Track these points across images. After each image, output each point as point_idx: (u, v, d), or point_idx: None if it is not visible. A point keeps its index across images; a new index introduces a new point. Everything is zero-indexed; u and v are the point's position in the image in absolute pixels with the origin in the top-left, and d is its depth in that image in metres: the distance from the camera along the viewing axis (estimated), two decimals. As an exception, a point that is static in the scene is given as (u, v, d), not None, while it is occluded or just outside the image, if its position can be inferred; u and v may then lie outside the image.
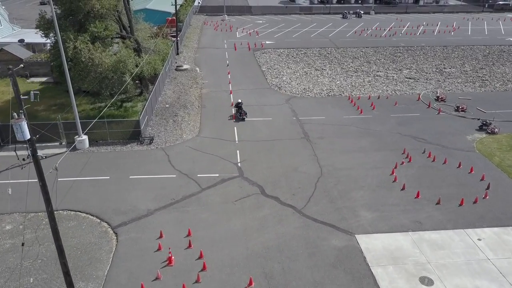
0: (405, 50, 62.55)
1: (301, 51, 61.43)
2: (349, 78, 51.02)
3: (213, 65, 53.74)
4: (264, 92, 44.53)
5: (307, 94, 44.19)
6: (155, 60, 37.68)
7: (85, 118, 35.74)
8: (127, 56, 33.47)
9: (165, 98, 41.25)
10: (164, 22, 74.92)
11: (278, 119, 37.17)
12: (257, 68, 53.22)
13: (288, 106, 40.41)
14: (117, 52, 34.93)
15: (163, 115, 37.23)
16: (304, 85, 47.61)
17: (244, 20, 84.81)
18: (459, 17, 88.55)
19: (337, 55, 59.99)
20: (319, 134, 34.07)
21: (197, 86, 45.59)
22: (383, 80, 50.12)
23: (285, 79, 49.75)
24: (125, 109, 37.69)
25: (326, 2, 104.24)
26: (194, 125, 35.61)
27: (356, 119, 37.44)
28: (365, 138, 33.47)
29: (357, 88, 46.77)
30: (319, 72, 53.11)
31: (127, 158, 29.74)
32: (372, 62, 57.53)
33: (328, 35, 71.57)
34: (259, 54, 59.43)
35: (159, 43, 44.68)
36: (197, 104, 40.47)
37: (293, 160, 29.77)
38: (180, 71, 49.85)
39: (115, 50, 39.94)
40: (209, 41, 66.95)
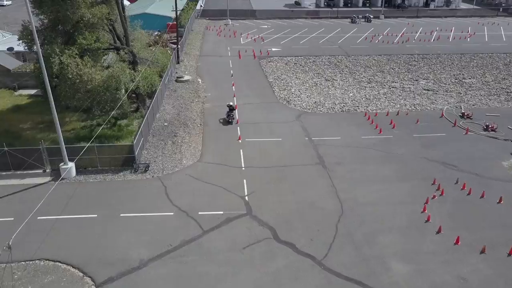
0: (420, 58, 58.75)
1: (309, 59, 57.71)
2: (362, 89, 47.30)
3: (216, 76, 50.06)
4: (272, 106, 40.81)
5: (319, 109, 40.46)
6: (152, 75, 33.95)
7: (75, 139, 32.17)
8: (121, 70, 29.80)
9: (164, 114, 37.57)
10: (164, 27, 71.43)
11: (289, 139, 33.46)
12: (264, 79, 49.52)
13: (299, 124, 36.68)
14: (110, 65, 31.30)
15: (161, 135, 33.55)
16: (314, 97, 43.90)
17: (248, 24, 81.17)
18: (473, 22, 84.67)
19: (348, 64, 56.25)
20: (335, 159, 30.32)
21: (199, 100, 41.90)
22: (399, 92, 46.38)
23: (293, 91, 46.05)
24: (119, 128, 34.03)
25: (332, 6, 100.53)
26: (195, 147, 31.91)
27: (375, 140, 33.68)
28: (388, 164, 29.71)
29: (372, 101, 43.02)
30: (329, 83, 49.40)
31: (119, 190, 26.05)
32: (386, 71, 53.79)
33: (337, 41, 67.83)
34: (265, 63, 55.73)
35: (158, 53, 41.05)
36: (199, 121, 36.78)
37: (308, 192, 26.02)
38: (181, 82, 46.18)
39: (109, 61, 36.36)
40: (212, 48, 63.29)
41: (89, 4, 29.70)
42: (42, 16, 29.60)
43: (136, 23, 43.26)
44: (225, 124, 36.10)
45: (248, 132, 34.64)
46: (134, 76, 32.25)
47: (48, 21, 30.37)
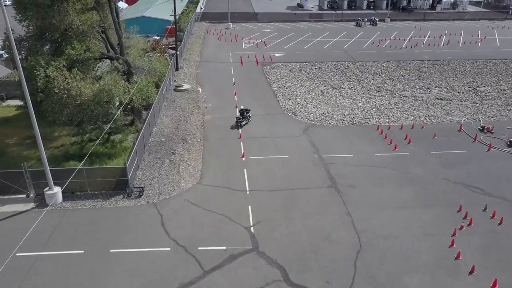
0: (430, 65, 56.10)
1: (314, 66, 55.05)
2: (372, 99, 44.62)
3: (217, 84, 47.38)
4: (276, 118, 38.13)
5: (327, 122, 37.78)
6: (147, 87, 31.23)
7: (63, 157, 29.49)
8: (113, 83, 27.09)
9: (161, 128, 34.86)
10: (163, 31, 68.86)
11: (297, 157, 30.78)
12: (267, 87, 46.85)
13: (306, 138, 34.00)
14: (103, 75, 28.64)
15: (158, 152, 30.85)
16: (321, 108, 41.23)
17: (250, 28, 78.52)
18: (482, 25, 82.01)
19: (355, 71, 53.58)
20: (349, 181, 27.62)
21: (199, 111, 39.21)
22: (411, 101, 43.71)
23: (299, 100, 43.38)
24: (112, 145, 31.32)
25: (336, 8, 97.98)
26: (195, 166, 29.21)
27: (390, 157, 30.99)
28: (406, 187, 27.01)
29: (384, 112, 40.36)
30: (337, 91, 46.72)
31: (110, 219, 23.34)
32: (396, 78, 51.13)
33: (343, 46, 65.16)
34: (269, 70, 53.07)
35: (155, 62, 38.38)
36: (199, 135, 34.09)
37: (321, 221, 23.32)
38: (180, 91, 43.50)
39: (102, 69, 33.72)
40: (213, 53, 60.62)
41: (79, 10, 27.03)
42: (25, 23, 26.89)
43: (132, 28, 40.64)
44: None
45: (252, 148, 31.97)
46: (128, 88, 29.54)
47: (34, 28, 27.69)
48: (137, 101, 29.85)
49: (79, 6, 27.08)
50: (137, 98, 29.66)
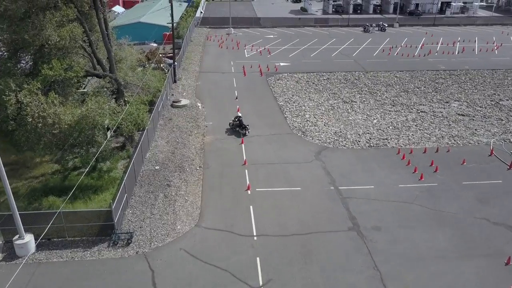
0: (447, 75, 52.25)
1: (322, 76, 51.19)
2: (387, 114, 40.78)
3: (218, 98, 43.51)
4: (285, 140, 34.25)
5: (341, 143, 33.90)
6: (139, 110, 27.26)
7: (42, 190, 25.62)
8: (97, 109, 23.20)
9: (156, 153, 30.97)
10: (161, 37, 65.13)
11: (310, 189, 26.89)
12: (273, 102, 42.98)
13: (319, 165, 30.13)
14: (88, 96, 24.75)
15: (151, 184, 26.96)
16: (333, 125, 37.40)
17: (252, 34, 74.67)
18: (496, 31, 78.15)
19: (367, 82, 49.73)
20: (372, 221, 23.74)
21: (198, 131, 35.31)
22: (430, 118, 39.86)
23: (308, 117, 39.52)
24: (99, 174, 27.44)
25: (341, 12, 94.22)
26: (193, 202, 25.31)
27: (416, 189, 27.11)
28: (440, 229, 23.12)
29: (402, 131, 36.51)
30: (348, 105, 42.86)
31: (90, 276, 19.44)
32: (411, 91, 47.28)
33: (351, 54, 61.31)
34: (273, 81, 49.20)
35: (150, 76, 34.53)
36: (198, 162, 30.20)
37: (344, 280, 19.41)
38: (177, 108, 39.60)
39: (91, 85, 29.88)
40: (213, 62, 56.73)
41: (58, 23, 23.15)
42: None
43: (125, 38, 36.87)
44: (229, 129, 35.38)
45: (258, 178, 28.09)
46: (116, 111, 25.64)
47: (6, 45, 23.81)
48: (126, 128, 25.91)
49: (58, 18, 23.21)
50: (126, 125, 25.74)
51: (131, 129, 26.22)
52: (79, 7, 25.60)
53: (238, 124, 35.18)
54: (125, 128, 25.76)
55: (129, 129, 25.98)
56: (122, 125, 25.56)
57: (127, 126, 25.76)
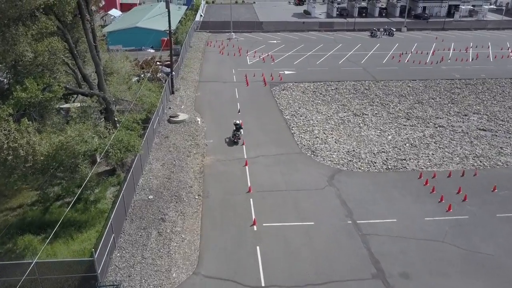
0: (463, 85, 48.99)
1: (330, 86, 47.93)
2: (402, 129, 37.58)
3: (219, 111, 40.24)
4: (293, 161, 30.98)
5: (356, 165, 30.62)
6: (129, 137, 23.84)
7: (19, 226, 22.36)
8: (77, 137, 19.90)
9: (150, 179, 27.67)
10: (158, 43, 61.97)
11: (324, 224, 23.62)
12: (278, 115, 39.72)
13: (333, 192, 26.86)
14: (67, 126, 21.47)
15: (143, 218, 23.67)
16: (345, 143, 34.19)
17: (254, 39, 71.39)
18: (509, 36, 74.88)
19: (378, 92, 46.48)
20: (399, 266, 20.45)
21: (197, 150, 32.03)
22: (449, 133, 36.63)
23: (317, 132, 36.28)
24: (84, 206, 24.16)
25: (346, 15, 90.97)
26: (191, 241, 22.02)
27: (445, 223, 23.83)
28: (479, 277, 19.82)
29: (421, 149, 33.29)
30: (360, 119, 39.64)
31: None
32: (425, 102, 44.04)
33: (360, 60, 58.06)
34: (278, 91, 45.94)
35: (144, 90, 31.29)
36: (197, 189, 26.91)
37: None
38: (175, 123, 36.31)
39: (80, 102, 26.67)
40: (214, 70, 53.45)
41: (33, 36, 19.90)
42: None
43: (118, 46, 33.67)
44: (230, 145, 33.13)
45: (265, 209, 24.81)
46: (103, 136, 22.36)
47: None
48: (114, 156, 22.61)
49: (35, 30, 19.97)
50: (114, 152, 22.43)
51: (121, 157, 22.88)
52: (61, 17, 22.35)
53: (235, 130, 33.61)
54: (113, 156, 22.46)
55: (118, 157, 22.65)
56: (110, 153, 22.28)
57: (115, 154, 22.45)
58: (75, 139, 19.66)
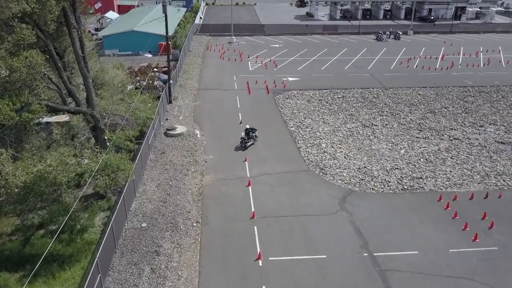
0: (476, 92, 46.50)
1: (337, 94, 45.44)
2: (415, 142, 35.15)
3: (220, 122, 37.75)
4: (300, 180, 28.47)
5: (369, 185, 28.13)
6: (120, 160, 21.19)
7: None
8: (59, 164, 17.41)
9: (143, 202, 25.17)
10: (156, 47, 59.55)
11: (337, 257, 21.12)
12: (283, 127, 37.23)
13: (346, 218, 24.36)
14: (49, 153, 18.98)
15: (135, 250, 21.16)
16: (355, 158, 31.78)
17: (256, 43, 68.87)
18: (519, 39, 72.50)
19: (387, 100, 43.99)
20: (425, 312, 18.00)
21: (196, 168, 29.51)
22: (466, 147, 34.18)
23: (325, 146, 33.82)
24: (70, 236, 21.64)
25: (349, 18, 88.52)
26: (189, 279, 19.50)
27: (473, 256, 21.33)
28: (518, 325, 17.39)
29: (437, 166, 30.85)
30: (369, 130, 37.19)
31: None
32: (438, 111, 41.57)
33: (366, 66, 55.57)
34: (282, 100, 43.44)
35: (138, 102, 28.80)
36: (195, 214, 24.40)
37: None
38: (172, 137, 33.81)
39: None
40: (214, 77, 50.94)
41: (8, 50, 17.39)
42: None
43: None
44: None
45: (271, 240, 22.31)
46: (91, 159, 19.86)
47: None
48: (103, 184, 20.08)
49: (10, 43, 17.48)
50: (103, 179, 19.90)
51: (109, 185, 20.34)
52: (43, 26, 19.88)
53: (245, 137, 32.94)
54: (101, 183, 19.93)
55: (106, 184, 20.12)
56: (98, 179, 19.79)
57: (104, 181, 19.92)
58: (56, 168, 17.15)
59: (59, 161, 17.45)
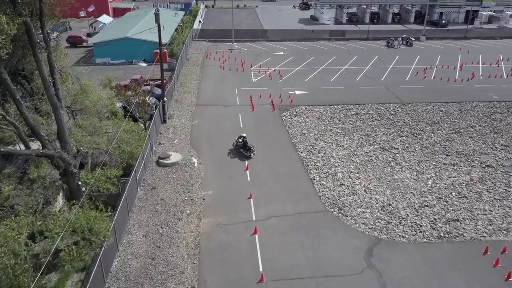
0: (504, 108, 42.06)
1: (350, 111, 40.94)
2: (442, 170, 30.80)
3: (220, 146, 33.21)
4: (317, 225, 23.95)
5: (397, 230, 23.66)
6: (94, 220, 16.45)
7: None
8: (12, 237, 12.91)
9: (127, 260, 20.61)
10: (151, 55, 55.09)
11: None
12: (292, 152, 32.75)
13: (375, 280, 19.88)
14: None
15: (113, 334, 16.70)
16: (376, 191, 27.57)
17: (258, 50, 64.29)
18: (539, 46, 68.02)
19: (406, 118, 39.53)
20: None
21: (192, 209, 24.96)
22: (502, 176, 29.78)
23: (341, 176, 29.42)
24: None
25: (356, 21, 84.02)
26: None
27: None
28: None
29: (473, 202, 26.52)
30: (389, 154, 32.84)
31: None
32: (463, 131, 37.17)
33: (379, 77, 51.07)
34: (289, 117, 38.95)
35: (124, 132, 24.27)
36: (190, 276, 19.85)
37: None
38: (165, 167, 29.26)
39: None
40: (214, 89, 46.41)
41: None
42: None
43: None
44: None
45: (285, 314, 17.85)
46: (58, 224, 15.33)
47: None
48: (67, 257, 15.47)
49: None
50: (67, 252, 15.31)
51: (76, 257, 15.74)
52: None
53: (242, 145, 31.45)
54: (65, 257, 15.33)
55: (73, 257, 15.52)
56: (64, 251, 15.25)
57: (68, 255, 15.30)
58: (9, 240, 12.66)
59: (5, 239, 12.90)
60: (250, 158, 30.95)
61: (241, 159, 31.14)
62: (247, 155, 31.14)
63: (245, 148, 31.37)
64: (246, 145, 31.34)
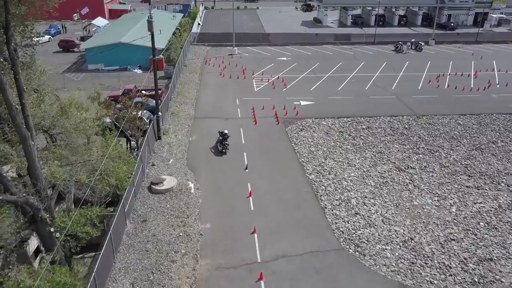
0: (526, 121, 38.96)
1: (361, 124, 37.80)
2: (466, 194, 27.82)
3: (219, 168, 30.02)
4: (331, 267, 20.80)
5: (424, 273, 20.60)
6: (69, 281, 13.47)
7: None
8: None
9: (111, 316, 17.55)
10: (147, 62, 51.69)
11: None
12: (299, 173, 29.60)
13: None
14: None
15: None
16: (394, 220, 24.71)
17: (261, 55, 61.02)
18: (555, 51, 64.87)
19: (421, 132, 36.44)
20: None
21: (188, 248, 21.74)
22: (534, 202, 26.66)
23: (355, 202, 26.40)
24: None
25: (361, 24, 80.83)
26: None
27: None
28: None
29: (504, 235, 23.63)
30: (405, 175, 29.83)
31: None
32: (485, 147, 34.10)
33: (389, 85, 47.89)
34: (295, 133, 35.80)
35: (109, 164, 21.10)
36: (186, 336, 16.79)
37: None
38: (158, 194, 26.06)
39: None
40: (213, 100, 43.21)
41: None
42: None
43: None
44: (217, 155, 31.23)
45: None
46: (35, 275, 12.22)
47: None
48: None
49: None
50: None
51: None
52: None
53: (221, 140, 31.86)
54: None
55: None
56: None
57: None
58: None
59: None
60: (225, 153, 31.58)
61: (243, 182, 27.97)
62: (219, 149, 31.70)
63: (222, 143, 31.71)
64: (224, 142, 31.67)
